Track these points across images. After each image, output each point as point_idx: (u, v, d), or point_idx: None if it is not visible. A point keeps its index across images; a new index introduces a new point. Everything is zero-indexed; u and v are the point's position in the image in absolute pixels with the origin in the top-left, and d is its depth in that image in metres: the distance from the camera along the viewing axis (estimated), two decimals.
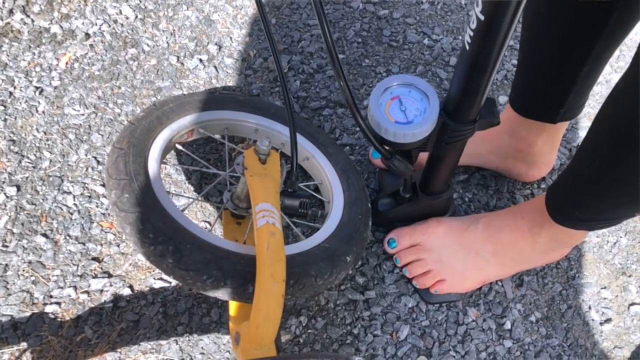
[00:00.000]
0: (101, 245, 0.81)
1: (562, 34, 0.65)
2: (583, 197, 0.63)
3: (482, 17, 0.45)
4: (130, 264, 0.80)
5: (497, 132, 0.83)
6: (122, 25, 1.04)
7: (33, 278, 0.77)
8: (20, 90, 0.93)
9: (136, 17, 1.05)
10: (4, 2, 1.03)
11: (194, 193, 0.86)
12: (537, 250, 0.75)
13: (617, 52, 1.09)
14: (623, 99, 0.53)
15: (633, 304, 0.82)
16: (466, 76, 0.52)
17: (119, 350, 0.73)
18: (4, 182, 0.84)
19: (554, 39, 0.67)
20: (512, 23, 0.45)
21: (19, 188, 0.84)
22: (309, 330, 0.76)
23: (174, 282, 0.78)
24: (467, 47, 0.49)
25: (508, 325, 0.79)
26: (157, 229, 0.58)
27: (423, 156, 0.73)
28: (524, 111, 0.78)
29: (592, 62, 0.66)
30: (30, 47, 0.99)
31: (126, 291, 0.77)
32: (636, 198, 0.57)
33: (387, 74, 1.02)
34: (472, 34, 0.48)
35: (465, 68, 0.52)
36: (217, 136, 0.82)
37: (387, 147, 0.62)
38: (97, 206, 0.84)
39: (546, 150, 0.83)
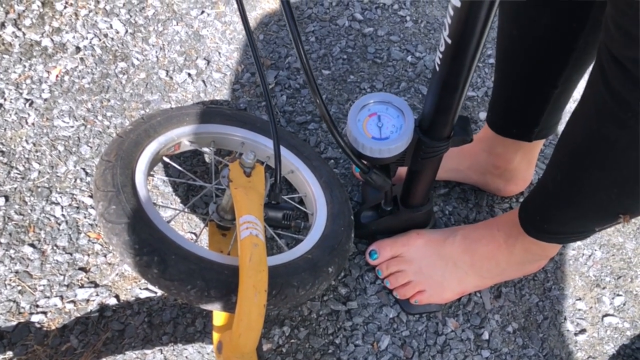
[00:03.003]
0: (88, 255, 0.82)
1: (533, 58, 0.68)
2: (549, 210, 0.66)
3: (449, 41, 0.48)
4: (117, 274, 0.81)
5: (476, 149, 0.86)
6: (112, 39, 1.06)
7: (20, 288, 0.78)
8: (11, 102, 0.95)
9: (126, 31, 1.07)
10: None
11: (181, 204, 0.88)
12: (513, 262, 0.77)
13: None
14: (580, 119, 0.56)
15: (607, 315, 0.85)
16: (438, 95, 0.55)
17: (104, 359, 0.74)
18: None
19: (525, 62, 0.70)
20: (478, 47, 0.48)
21: (7, 198, 0.85)
22: (292, 340, 0.78)
23: (159, 292, 0.80)
24: (437, 69, 0.52)
25: (486, 336, 0.81)
26: (142, 240, 0.60)
27: (403, 170, 0.75)
28: (500, 130, 0.81)
29: (563, 84, 0.70)
30: (21, 59, 1.01)
31: (112, 301, 0.79)
32: (592, 212, 0.60)
33: (371, 89, 1.04)
34: (441, 56, 0.50)
35: (437, 88, 0.54)
36: (205, 149, 0.84)
37: (365, 162, 0.64)
38: (85, 217, 0.85)
39: (523, 167, 0.86)
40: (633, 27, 0.42)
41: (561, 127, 1.01)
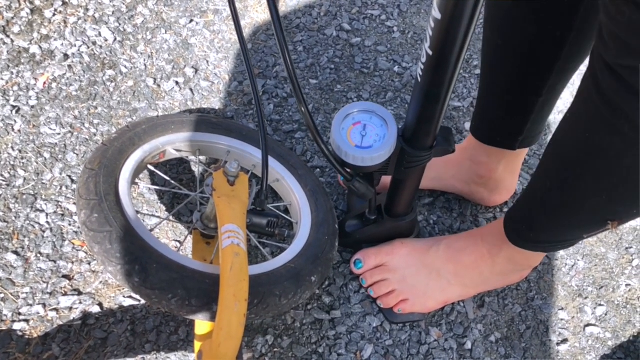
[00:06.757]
0: (72, 263, 0.82)
1: (518, 66, 0.69)
2: (536, 219, 0.66)
3: (430, 52, 0.49)
4: (101, 282, 0.81)
5: (460, 158, 0.86)
6: (100, 47, 1.06)
7: (2, 295, 0.78)
8: None
9: (115, 39, 1.07)
10: None
11: (166, 213, 0.88)
12: (496, 272, 0.78)
13: (578, 83, 1.14)
14: (571, 126, 0.56)
15: (588, 325, 0.85)
16: (420, 106, 0.56)
17: None
18: None
19: (510, 71, 0.70)
20: (459, 58, 0.49)
21: None
22: (275, 349, 0.78)
23: (143, 301, 0.80)
24: (420, 79, 0.53)
25: (469, 345, 0.81)
26: (124, 248, 0.60)
27: (388, 179, 0.76)
28: (484, 138, 0.81)
29: (547, 93, 0.70)
30: (8, 66, 1.00)
31: (95, 309, 0.78)
32: (582, 219, 0.60)
33: (358, 99, 1.05)
34: (423, 67, 0.51)
35: (419, 99, 0.55)
36: (190, 157, 0.84)
37: (348, 170, 0.65)
38: (69, 224, 0.85)
39: (507, 176, 0.87)
40: (627, 36, 0.42)
41: (546, 137, 1.02)
